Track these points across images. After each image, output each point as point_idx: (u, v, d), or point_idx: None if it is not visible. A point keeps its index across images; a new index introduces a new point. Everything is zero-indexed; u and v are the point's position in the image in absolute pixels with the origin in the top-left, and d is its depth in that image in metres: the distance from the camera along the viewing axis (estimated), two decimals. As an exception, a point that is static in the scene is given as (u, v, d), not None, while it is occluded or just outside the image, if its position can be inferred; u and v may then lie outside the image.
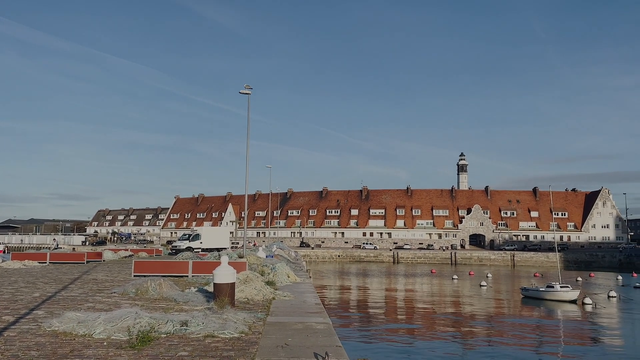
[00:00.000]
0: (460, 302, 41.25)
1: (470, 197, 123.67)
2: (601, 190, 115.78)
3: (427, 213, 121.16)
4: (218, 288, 11.30)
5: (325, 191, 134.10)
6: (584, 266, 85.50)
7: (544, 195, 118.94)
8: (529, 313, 35.87)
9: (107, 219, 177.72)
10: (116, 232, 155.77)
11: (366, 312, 35.74)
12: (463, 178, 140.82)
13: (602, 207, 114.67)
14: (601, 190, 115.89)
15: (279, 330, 9.22)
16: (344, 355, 7.53)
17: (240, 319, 9.69)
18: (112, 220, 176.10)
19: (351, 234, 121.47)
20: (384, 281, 59.23)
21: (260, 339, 8.44)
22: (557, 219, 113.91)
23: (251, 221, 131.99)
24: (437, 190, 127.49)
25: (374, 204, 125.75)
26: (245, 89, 26.65)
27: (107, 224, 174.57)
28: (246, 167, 27.85)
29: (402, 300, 42.44)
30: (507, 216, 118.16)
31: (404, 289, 50.92)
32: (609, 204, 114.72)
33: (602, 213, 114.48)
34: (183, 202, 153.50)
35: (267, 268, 20.23)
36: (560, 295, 40.42)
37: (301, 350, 7.64)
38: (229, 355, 7.24)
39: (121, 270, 24.05)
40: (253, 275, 15.50)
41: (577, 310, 36.86)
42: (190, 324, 8.93)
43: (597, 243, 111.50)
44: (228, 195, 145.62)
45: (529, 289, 43.91)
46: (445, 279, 61.91)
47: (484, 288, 51.00)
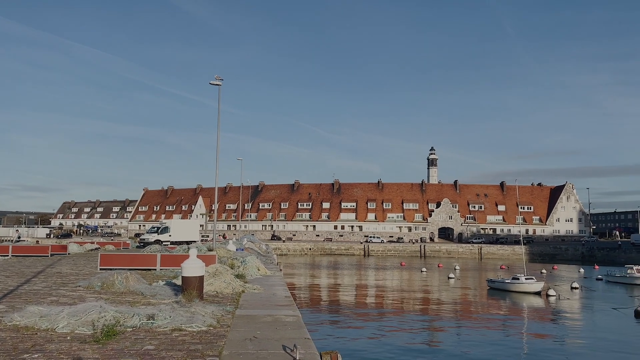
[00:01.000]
0: (429, 294, 41.93)
1: (440, 191, 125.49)
2: (565, 185, 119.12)
3: (398, 206, 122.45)
4: (186, 281, 11.17)
5: (297, 184, 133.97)
6: (548, 259, 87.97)
7: (511, 190, 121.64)
8: (495, 304, 36.72)
9: (73, 211, 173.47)
10: (82, 225, 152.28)
11: (336, 304, 35.97)
12: (433, 172, 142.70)
13: (566, 201, 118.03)
14: (565, 185, 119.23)
15: (248, 323, 9.19)
16: (313, 347, 7.55)
17: (208, 312, 9.61)
18: (78, 213, 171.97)
19: (322, 227, 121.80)
20: (354, 274, 59.68)
21: (229, 332, 8.39)
22: (523, 213, 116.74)
23: (222, 214, 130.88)
24: (407, 184, 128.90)
25: (346, 198, 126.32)
26: (216, 80, 26.31)
27: (72, 216, 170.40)
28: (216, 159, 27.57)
29: (372, 293, 42.86)
30: (475, 210, 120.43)
31: (374, 282, 51.43)
32: (572, 199, 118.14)
33: (566, 207, 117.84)
34: (152, 194, 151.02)
35: (237, 261, 20.12)
36: (525, 287, 41.52)
37: (270, 343, 7.63)
38: (196, 348, 7.18)
39: (87, 263, 23.54)
40: (222, 268, 15.38)
41: (541, 301, 37.93)
42: (157, 318, 8.81)
43: (561, 236, 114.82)
44: (198, 188, 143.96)
45: (495, 281, 44.97)
46: (414, 271, 62.78)
47: (452, 280, 51.94)
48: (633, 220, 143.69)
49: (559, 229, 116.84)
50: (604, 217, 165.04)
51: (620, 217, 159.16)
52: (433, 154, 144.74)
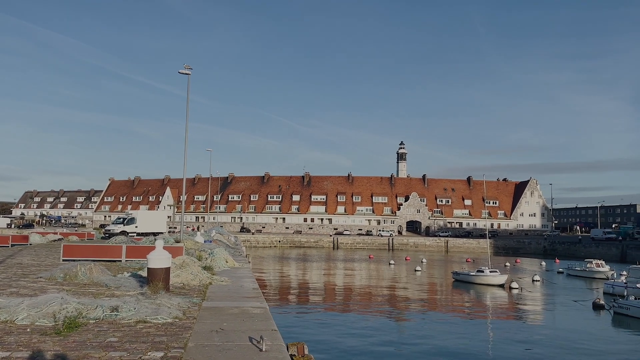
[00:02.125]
0: (396, 287, 42.50)
1: (409, 185, 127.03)
2: (529, 181, 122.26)
3: (367, 200, 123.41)
4: (152, 273, 11.03)
5: (267, 176, 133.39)
6: (512, 252, 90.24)
7: (478, 185, 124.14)
8: (459, 296, 37.51)
9: (35, 200, 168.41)
10: (45, 215, 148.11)
11: (304, 296, 36.10)
12: (402, 166, 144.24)
13: (530, 196, 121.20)
14: (530, 180, 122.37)
15: (215, 315, 9.14)
16: (279, 339, 7.58)
17: (174, 304, 9.52)
18: (40, 203, 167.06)
19: (292, 219, 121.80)
20: (323, 266, 59.95)
21: (195, 324, 8.34)
22: (489, 207, 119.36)
23: (190, 205, 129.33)
24: (377, 177, 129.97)
25: (316, 190, 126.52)
26: (185, 69, 25.88)
27: (35, 206, 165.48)
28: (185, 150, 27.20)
29: (340, 285, 43.16)
30: (442, 204, 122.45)
31: (343, 274, 51.80)
32: (536, 194, 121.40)
33: (529, 202, 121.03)
34: (118, 184, 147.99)
35: (205, 253, 19.97)
36: (489, 279, 42.53)
37: (236, 335, 7.62)
38: (161, 340, 7.11)
39: (49, 254, 22.95)
40: (190, 260, 15.25)
41: (505, 293, 38.93)
42: (122, 310, 8.68)
43: (524, 230, 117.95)
44: (166, 179, 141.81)
45: (460, 273, 45.92)
46: (382, 264, 63.48)
47: (418, 273, 52.76)
48: (593, 216, 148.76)
49: (522, 223, 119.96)
50: (566, 212, 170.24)
51: (581, 212, 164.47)
52: (402, 148, 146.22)
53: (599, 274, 49.44)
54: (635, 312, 27.41)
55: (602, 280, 46.19)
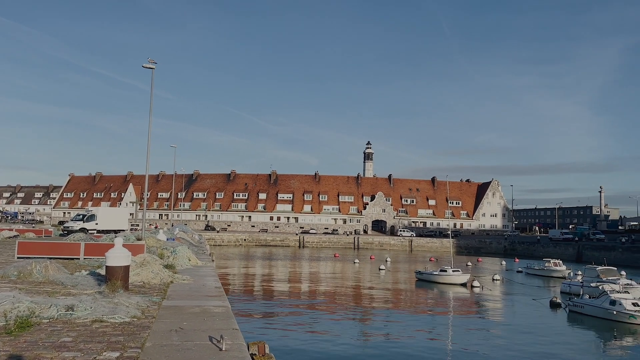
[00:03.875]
0: (360, 285, 42.81)
1: (375, 185, 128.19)
2: (491, 182, 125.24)
3: (334, 199, 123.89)
4: (111, 271, 10.75)
5: (233, 174, 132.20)
6: (474, 251, 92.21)
7: (442, 185, 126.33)
8: (422, 295, 38.07)
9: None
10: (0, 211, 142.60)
11: (268, 295, 35.95)
12: (369, 166, 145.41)
13: (492, 197, 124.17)
14: (491, 181, 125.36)
15: (175, 314, 8.98)
16: (240, 338, 7.50)
17: (133, 303, 9.30)
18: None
19: (258, 218, 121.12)
20: (288, 265, 59.86)
21: (154, 323, 8.17)
22: (452, 208, 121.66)
23: (153, 203, 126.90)
24: (344, 177, 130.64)
25: (283, 189, 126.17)
26: (149, 63, 25.33)
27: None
28: (148, 145, 26.61)
29: (305, 284, 43.17)
30: (407, 204, 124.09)
31: (308, 273, 51.84)
32: (497, 195, 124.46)
33: (491, 203, 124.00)
34: (78, 180, 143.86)
35: (167, 251, 19.62)
36: (452, 278, 43.34)
37: (196, 334, 7.50)
38: (117, 340, 6.92)
39: (3, 251, 22.09)
40: (151, 258, 14.96)
41: (467, 292, 39.74)
42: (77, 309, 8.43)
43: (486, 230, 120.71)
44: (129, 175, 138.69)
45: (423, 273, 46.62)
46: (347, 263, 63.84)
47: (382, 271, 53.29)
48: (551, 217, 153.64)
49: (484, 223, 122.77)
50: (526, 213, 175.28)
51: (540, 213, 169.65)
52: (369, 148, 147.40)
53: (557, 273, 51.09)
54: (589, 311, 28.42)
55: (559, 279, 47.74)
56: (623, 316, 26.26)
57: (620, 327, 25.27)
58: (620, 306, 26.69)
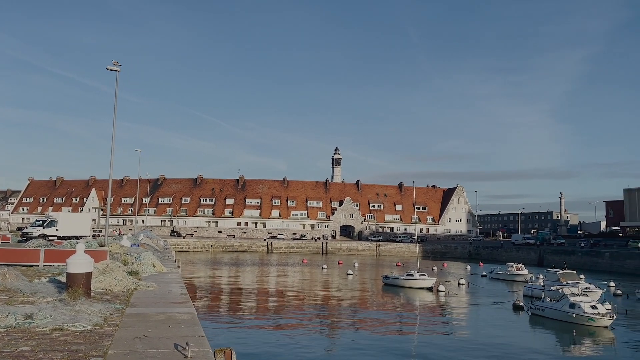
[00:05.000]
0: (328, 291, 42.87)
1: (343, 190, 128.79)
2: (457, 188, 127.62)
3: (302, 204, 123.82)
4: (72, 278, 10.46)
5: (200, 179, 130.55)
6: (440, 256, 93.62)
7: (408, 190, 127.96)
8: (389, 299, 38.38)
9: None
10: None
11: (235, 301, 35.59)
12: (337, 171, 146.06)
13: (457, 202, 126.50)
14: (457, 187, 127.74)
15: (139, 322, 8.80)
16: (206, 345, 7.41)
17: (95, 310, 9.07)
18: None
19: (225, 223, 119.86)
20: (256, 271, 59.42)
21: (117, 331, 7.98)
22: (419, 213, 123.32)
23: (117, 208, 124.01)
24: (312, 182, 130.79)
25: (250, 194, 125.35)
26: (114, 66, 24.83)
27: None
28: (112, 149, 26.04)
29: (272, 290, 42.94)
30: (375, 209, 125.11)
31: (275, 279, 51.58)
32: (462, 200, 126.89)
33: (456, 208, 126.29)
34: (38, 184, 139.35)
35: (131, 257, 19.21)
36: (418, 283, 43.90)
37: (161, 342, 7.37)
38: (78, 349, 6.74)
39: (-44, 259, 21.16)
40: (114, 264, 14.61)
41: (432, 296, 40.29)
42: (36, 317, 8.16)
43: (451, 235, 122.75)
44: (91, 180, 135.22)
45: (390, 277, 47.06)
46: (315, 268, 63.83)
47: (350, 276, 53.49)
48: (514, 222, 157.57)
49: (450, 228, 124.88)
50: (489, 218, 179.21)
51: (503, 218, 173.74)
52: (337, 154, 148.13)
53: (519, 277, 52.35)
54: (550, 314, 29.22)
55: (522, 283, 48.93)
56: (582, 319, 27.10)
57: (579, 329, 26.06)
58: (579, 309, 27.54)
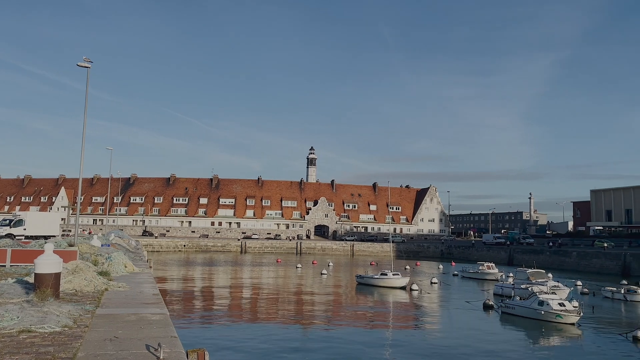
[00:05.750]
0: (302, 290, 42.87)
1: (318, 190, 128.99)
2: (429, 188, 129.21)
3: (277, 204, 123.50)
4: (40, 278, 10.21)
5: (173, 178, 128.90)
6: (413, 255, 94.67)
7: (382, 191, 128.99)
8: (363, 299, 38.62)
9: None
10: None
11: (209, 302, 35.28)
12: (312, 171, 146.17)
13: (430, 203, 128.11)
14: (429, 188, 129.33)
15: (109, 323, 8.66)
16: (179, 345, 7.34)
17: (64, 311, 8.88)
18: None
19: (199, 223, 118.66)
20: (229, 271, 59.02)
21: (87, 332, 7.84)
22: (393, 213, 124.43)
23: (87, 207, 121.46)
24: (287, 182, 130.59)
25: (224, 193, 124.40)
26: (84, 62, 24.31)
27: None
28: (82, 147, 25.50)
29: (246, 290, 42.73)
30: (349, 209, 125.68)
31: (249, 279, 51.34)
32: (435, 201, 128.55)
33: (429, 208, 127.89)
34: (5, 183, 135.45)
35: (102, 257, 18.87)
36: (392, 282, 44.31)
37: (132, 343, 7.26)
38: (47, 351, 6.59)
39: None
40: (84, 265, 14.33)
41: (406, 295, 40.71)
42: (3, 318, 7.96)
43: (424, 235, 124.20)
44: (61, 178, 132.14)
45: (364, 277, 47.36)
46: (289, 268, 63.76)
47: (324, 276, 53.60)
48: (485, 222, 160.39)
49: (423, 228, 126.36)
50: (461, 218, 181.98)
51: (474, 218, 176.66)
52: (312, 154, 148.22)
53: (490, 276, 53.32)
54: (520, 312, 29.87)
55: (492, 281, 49.84)
56: (550, 316, 27.79)
57: (548, 326, 26.72)
58: (547, 306, 28.23)
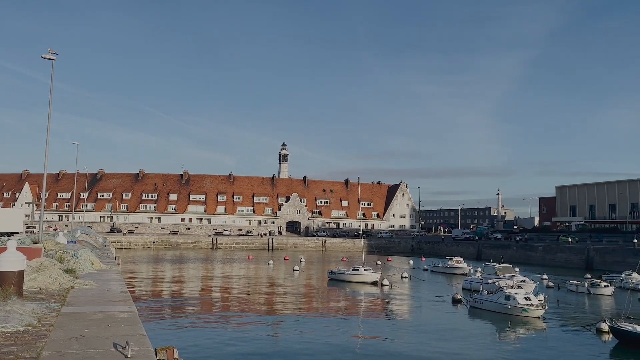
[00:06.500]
0: (274, 287, 42.79)
1: (290, 186, 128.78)
2: (400, 184, 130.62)
3: (248, 200, 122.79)
4: (2, 276, 9.88)
5: (142, 174, 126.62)
6: (384, 251, 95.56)
7: (354, 187, 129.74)
8: (334, 294, 38.78)
9: None
10: None
11: (178, 299, 34.87)
12: (284, 167, 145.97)
13: (401, 199, 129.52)
14: (400, 184, 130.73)
15: (75, 321, 8.45)
16: (148, 343, 7.21)
17: (28, 310, 8.63)
18: None
19: (169, 219, 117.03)
20: (200, 267, 58.45)
21: (51, 331, 7.63)
22: (364, 209, 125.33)
23: (52, 203, 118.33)
24: (259, 177, 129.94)
25: (195, 189, 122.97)
26: (49, 54, 23.59)
27: None
28: (47, 142, 24.77)
29: (217, 287, 42.41)
30: (321, 205, 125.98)
31: (220, 275, 50.96)
32: (406, 197, 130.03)
33: (400, 204, 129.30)
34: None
35: (68, 255, 18.41)
36: (363, 277, 44.63)
37: (99, 341, 7.10)
38: (9, 351, 6.39)
39: None
40: (49, 262, 13.97)
41: (377, 290, 41.07)
42: (-38, 319, 7.66)
43: (395, 230, 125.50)
44: (25, 174, 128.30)
45: (336, 272, 47.58)
46: (261, 264, 63.54)
47: (296, 272, 53.61)
48: (455, 217, 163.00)
49: (394, 224, 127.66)
50: (431, 214, 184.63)
51: (444, 214, 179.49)
52: (285, 150, 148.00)
53: (459, 271, 54.25)
54: (487, 306, 30.48)
55: (461, 276, 50.71)
56: (516, 310, 28.45)
57: (514, 320, 27.35)
58: (514, 301, 28.89)
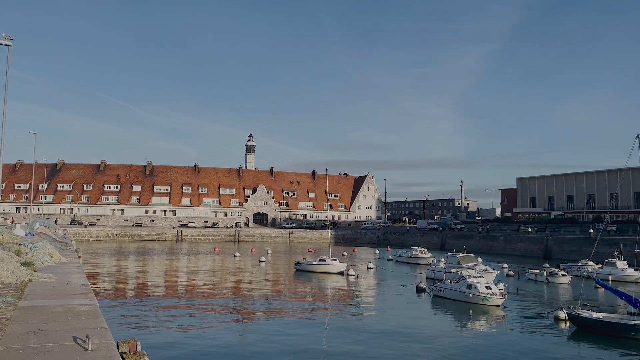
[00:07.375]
0: (240, 279, 42.62)
1: (257, 177, 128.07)
2: (367, 176, 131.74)
3: (214, 191, 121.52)
4: (-46, 271, 9.53)
5: (104, 164, 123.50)
6: (350, 242, 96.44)
7: (321, 178, 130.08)
8: (301, 285, 38.94)
9: None
10: None
11: (142, 292, 34.33)
12: (251, 158, 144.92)
13: (367, 190, 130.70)
14: (367, 175, 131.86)
15: (33, 315, 8.25)
16: (109, 336, 7.11)
17: (-18, 305, 8.36)
18: None
19: (132, 211, 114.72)
20: (164, 260, 57.63)
21: (8, 325, 7.43)
22: (331, 200, 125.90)
23: (9, 195, 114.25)
24: (225, 169, 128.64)
25: (159, 181, 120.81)
26: (5, 39, 22.68)
27: None
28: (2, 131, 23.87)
29: (182, 279, 41.94)
30: (288, 196, 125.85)
31: (185, 268, 50.40)
32: (372, 188, 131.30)
33: (366, 195, 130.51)
34: None
35: (26, 247, 17.89)
36: (329, 267, 44.99)
37: (58, 335, 6.96)
38: (-38, 347, 6.18)
39: None
40: (5, 255, 13.56)
41: (343, 280, 41.44)
42: None
43: (362, 222, 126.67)
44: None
45: (302, 263, 47.81)
46: (227, 256, 63.14)
47: (263, 264, 53.54)
48: (420, 208, 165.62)
49: (360, 215, 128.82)
50: (397, 205, 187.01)
51: (409, 205, 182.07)
52: (251, 141, 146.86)
53: (423, 260, 55.30)
54: (450, 295, 31.20)
55: (425, 266, 51.70)
56: (477, 298, 29.23)
57: (475, 309, 28.10)
58: (475, 289, 29.65)
